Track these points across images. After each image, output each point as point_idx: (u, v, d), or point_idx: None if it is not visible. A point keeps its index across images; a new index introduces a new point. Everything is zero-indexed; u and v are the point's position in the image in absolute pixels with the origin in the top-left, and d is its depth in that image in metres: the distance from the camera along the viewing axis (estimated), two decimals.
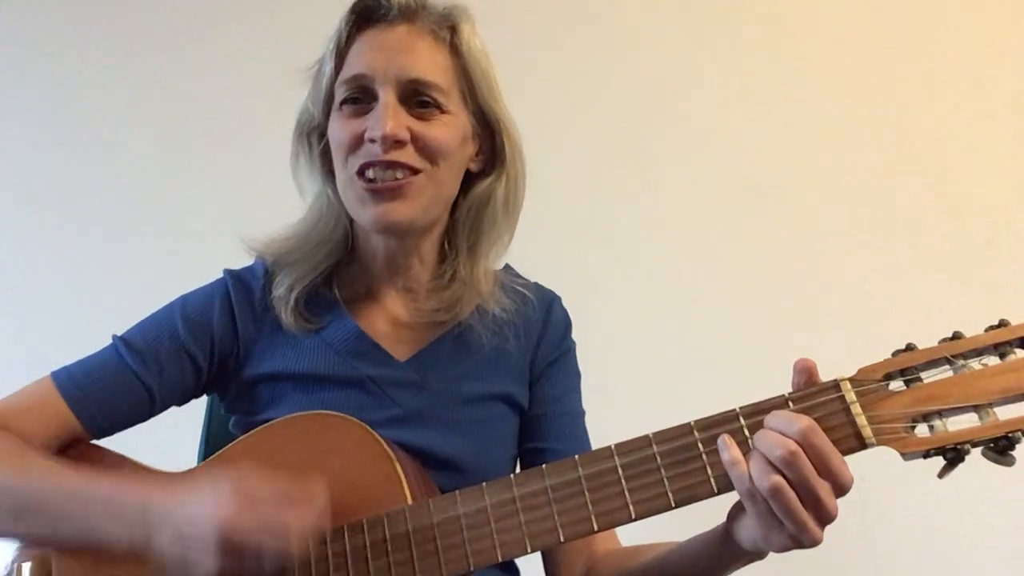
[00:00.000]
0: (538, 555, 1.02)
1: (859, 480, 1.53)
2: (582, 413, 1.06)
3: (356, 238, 1.01)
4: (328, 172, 0.99)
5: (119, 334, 0.98)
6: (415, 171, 0.91)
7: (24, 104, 2.13)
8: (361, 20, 0.94)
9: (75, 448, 0.93)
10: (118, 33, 2.14)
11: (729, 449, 0.71)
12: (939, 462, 0.71)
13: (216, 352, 0.98)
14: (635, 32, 1.93)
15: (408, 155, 0.90)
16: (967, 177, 1.74)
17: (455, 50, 0.95)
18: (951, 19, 1.81)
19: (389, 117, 0.89)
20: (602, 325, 1.72)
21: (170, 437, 1.09)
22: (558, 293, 1.11)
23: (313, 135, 1.00)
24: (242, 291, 1.00)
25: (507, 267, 1.08)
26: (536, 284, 1.09)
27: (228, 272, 1.02)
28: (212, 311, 0.98)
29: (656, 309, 1.78)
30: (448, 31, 0.95)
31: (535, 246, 1.59)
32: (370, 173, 0.90)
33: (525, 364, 1.03)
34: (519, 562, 1.01)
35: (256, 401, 0.98)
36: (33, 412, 0.90)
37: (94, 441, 0.95)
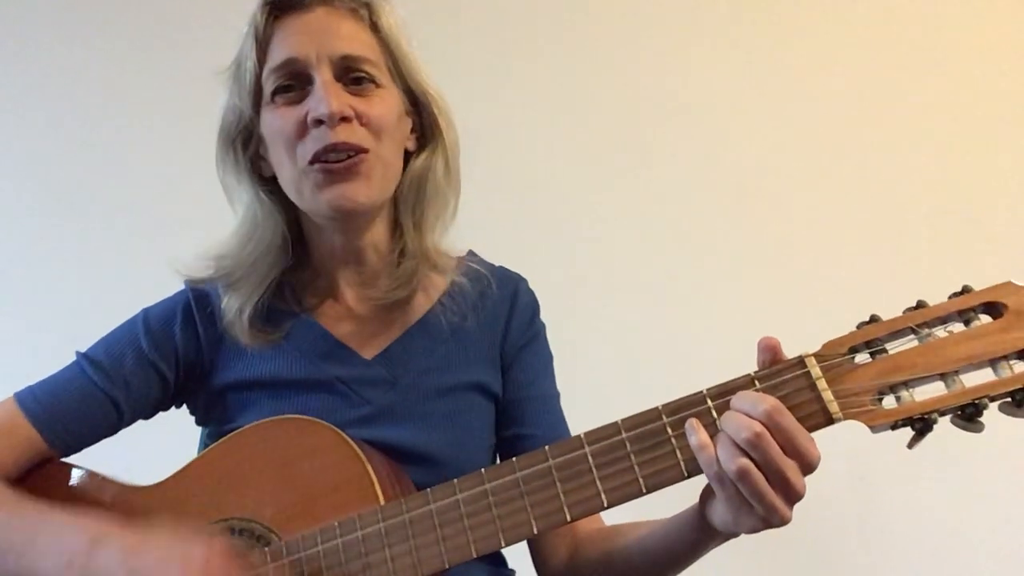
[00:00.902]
0: (525, 543, 1.03)
1: (857, 479, 1.56)
2: (556, 395, 1.06)
3: (308, 239, 0.99)
4: (259, 177, 0.97)
5: (82, 351, 0.96)
6: (364, 150, 0.90)
7: (21, 106, 2.12)
8: (276, 10, 0.93)
9: (44, 468, 0.92)
10: (113, 34, 2.13)
11: (696, 433, 0.70)
12: (925, 437, 0.71)
13: (181, 363, 0.97)
14: (629, 28, 1.91)
15: (356, 134, 0.89)
16: (967, 176, 1.73)
17: (375, 27, 0.95)
18: (950, 17, 1.80)
19: (332, 95, 0.88)
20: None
21: (171, 438, 1.08)
22: (540, 282, 1.09)
23: (239, 139, 0.97)
24: (204, 301, 0.98)
25: (470, 252, 1.06)
26: (500, 267, 1.07)
27: (189, 283, 1.00)
28: (174, 322, 0.97)
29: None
30: (365, 9, 0.94)
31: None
32: (327, 157, 0.88)
33: (496, 350, 1.02)
34: (507, 551, 1.01)
35: (227, 410, 0.97)
36: None
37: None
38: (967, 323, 0.71)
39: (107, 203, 2.04)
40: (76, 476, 0.93)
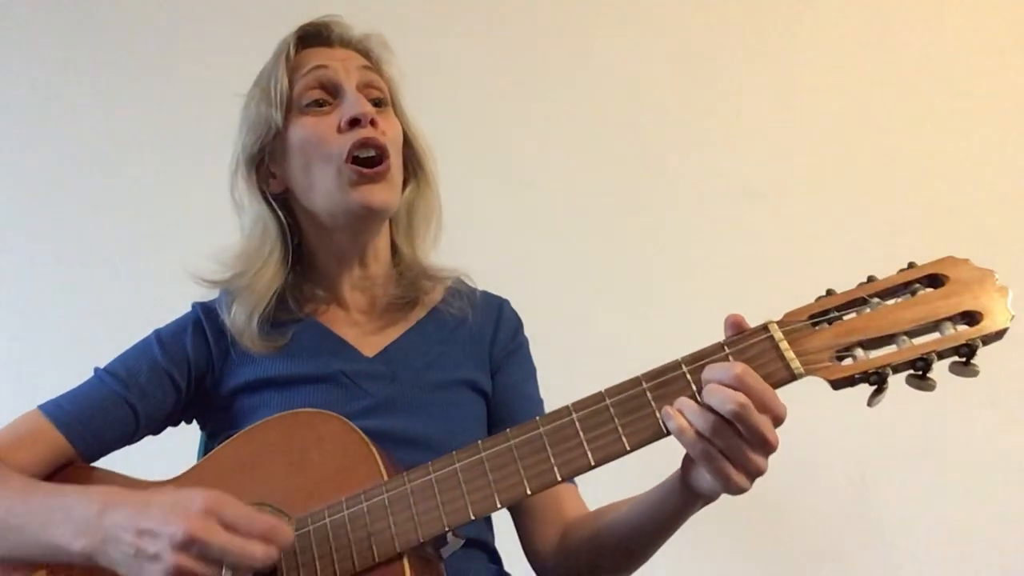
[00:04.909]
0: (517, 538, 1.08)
1: (858, 478, 1.57)
2: (541, 401, 1.14)
3: (312, 248, 1.09)
4: (267, 193, 1.08)
5: (100, 367, 1.04)
6: (388, 156, 1.02)
7: (19, 117, 2.21)
8: (305, 40, 1.08)
9: (64, 472, 0.97)
10: (114, 37, 2.23)
11: (675, 419, 0.75)
12: (883, 394, 0.77)
13: (193, 372, 1.05)
14: (629, 32, 1.99)
15: (381, 137, 1.02)
16: (966, 177, 1.77)
17: (380, 72, 1.10)
18: (949, 17, 1.86)
19: (364, 102, 1.03)
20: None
21: (172, 438, 1.12)
22: (530, 289, 1.24)
23: (263, 153, 1.07)
24: (212, 317, 1.07)
25: (459, 279, 1.16)
26: (484, 292, 1.19)
27: (197, 304, 1.10)
28: (186, 336, 1.06)
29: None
30: (372, 57, 1.11)
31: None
32: (361, 153, 1.00)
33: (485, 354, 1.12)
34: (499, 540, 1.06)
35: (237, 413, 1.03)
36: (25, 443, 0.95)
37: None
38: (913, 294, 0.79)
39: (107, 212, 2.09)
40: (94, 477, 0.98)
